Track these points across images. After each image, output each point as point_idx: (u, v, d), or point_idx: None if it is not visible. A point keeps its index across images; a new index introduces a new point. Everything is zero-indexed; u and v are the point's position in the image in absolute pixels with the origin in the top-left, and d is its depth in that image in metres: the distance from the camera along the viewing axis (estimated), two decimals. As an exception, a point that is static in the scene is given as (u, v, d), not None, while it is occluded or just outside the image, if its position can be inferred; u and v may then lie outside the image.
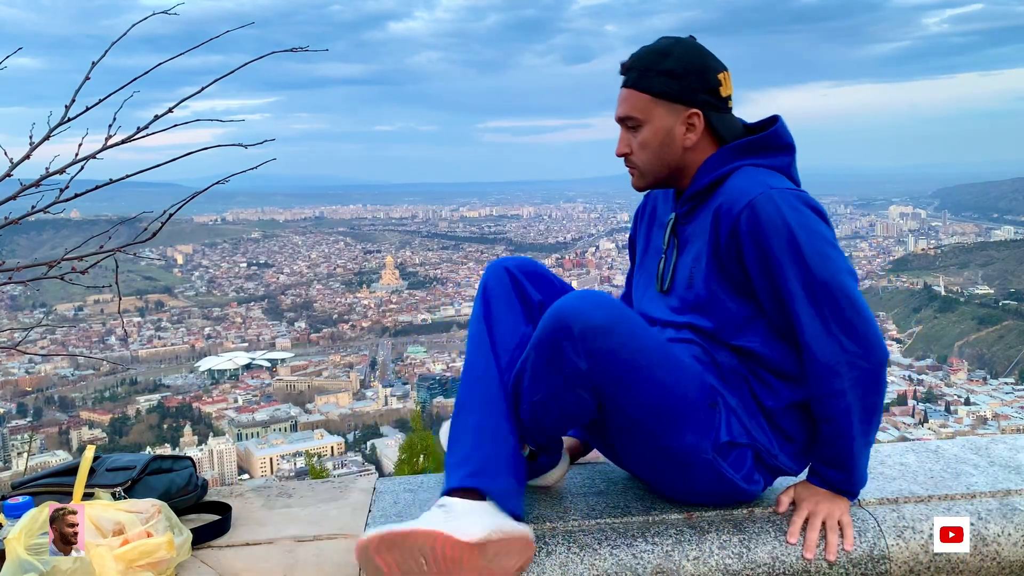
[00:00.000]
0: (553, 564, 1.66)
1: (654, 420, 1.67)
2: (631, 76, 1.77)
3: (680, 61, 1.73)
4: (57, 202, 1.87)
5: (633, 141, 1.79)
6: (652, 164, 1.80)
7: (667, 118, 1.75)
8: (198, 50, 2.00)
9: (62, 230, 51.08)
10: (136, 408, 51.47)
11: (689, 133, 1.76)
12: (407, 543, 1.53)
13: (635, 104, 1.76)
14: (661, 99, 1.74)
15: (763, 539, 1.73)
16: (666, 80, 1.73)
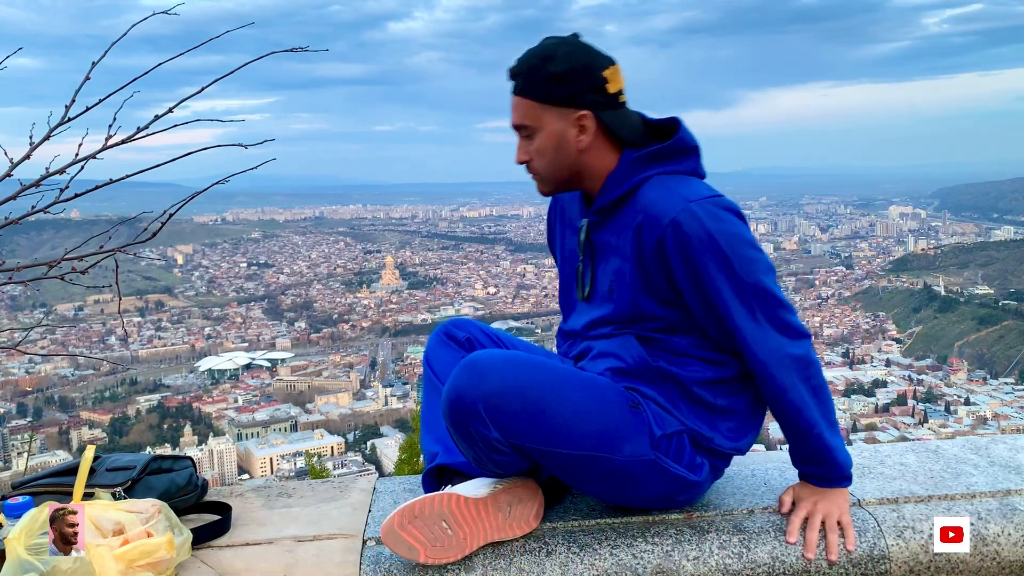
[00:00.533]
0: (553, 564, 1.66)
1: (587, 450, 1.66)
2: (518, 83, 1.74)
3: (563, 63, 1.70)
4: (57, 202, 1.87)
5: (530, 148, 1.78)
6: (551, 169, 1.79)
7: (557, 123, 1.73)
8: (198, 50, 2.00)
9: (62, 230, 51.10)
10: (136, 408, 51.47)
11: (581, 135, 1.74)
12: (427, 512, 1.63)
13: (525, 112, 1.75)
14: (549, 104, 1.72)
15: (763, 539, 1.73)
16: (551, 85, 1.71)
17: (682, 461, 1.73)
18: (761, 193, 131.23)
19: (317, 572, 1.69)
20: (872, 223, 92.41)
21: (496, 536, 1.70)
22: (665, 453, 1.71)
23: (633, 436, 1.68)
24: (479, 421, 1.60)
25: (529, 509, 1.75)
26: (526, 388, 1.61)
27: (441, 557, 1.63)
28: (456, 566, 1.66)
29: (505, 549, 1.70)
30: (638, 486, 1.73)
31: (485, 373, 1.61)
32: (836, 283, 72.39)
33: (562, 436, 1.63)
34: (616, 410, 1.68)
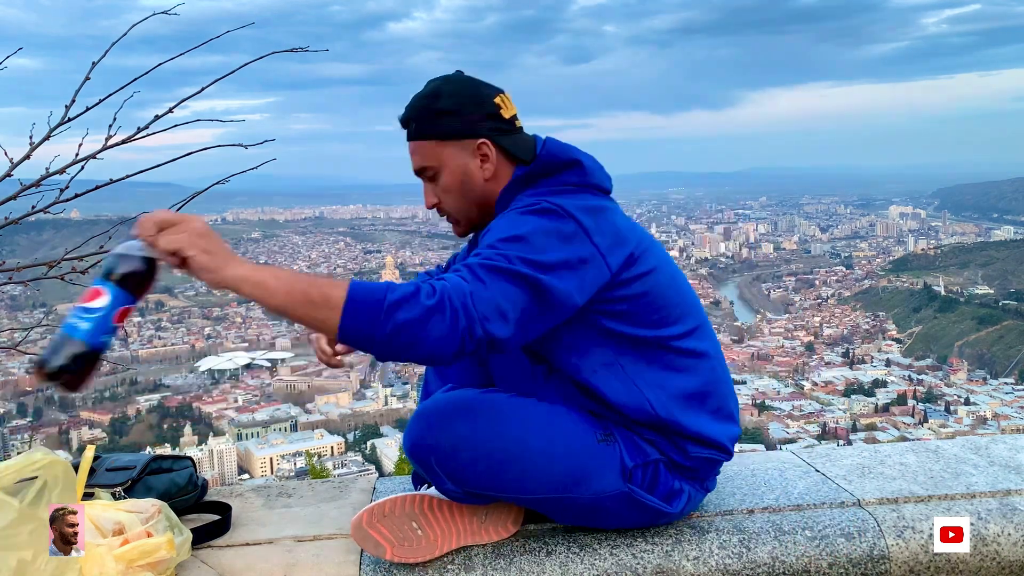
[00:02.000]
0: (553, 564, 1.67)
1: (551, 493, 1.63)
2: (411, 128, 1.71)
3: (452, 98, 1.68)
4: (57, 202, 1.88)
5: (436, 190, 1.73)
6: (462, 206, 1.74)
7: (459, 156, 1.69)
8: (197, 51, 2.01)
9: (62, 230, 51.10)
10: (136, 408, 51.48)
11: (485, 164, 1.70)
12: (397, 511, 1.63)
13: (424, 153, 1.71)
14: (446, 140, 1.69)
15: (763, 539, 1.73)
16: (444, 120, 1.68)
17: (657, 491, 1.67)
18: (761, 193, 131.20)
19: (317, 572, 1.69)
20: (872, 223, 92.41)
21: (470, 540, 1.69)
22: (640, 484, 1.65)
23: (602, 471, 1.63)
24: (433, 473, 1.60)
25: (506, 516, 1.73)
26: (480, 438, 1.58)
27: (408, 556, 1.63)
28: (456, 566, 1.66)
29: (505, 549, 1.70)
30: (612, 518, 1.70)
31: (435, 425, 1.59)
32: (836, 283, 72.40)
33: (522, 483, 1.60)
34: (581, 446, 1.63)
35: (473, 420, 1.59)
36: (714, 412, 1.71)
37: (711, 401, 1.71)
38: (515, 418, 1.62)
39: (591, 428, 1.65)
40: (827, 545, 1.73)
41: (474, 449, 1.57)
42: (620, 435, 1.66)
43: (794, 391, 46.57)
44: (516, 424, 1.61)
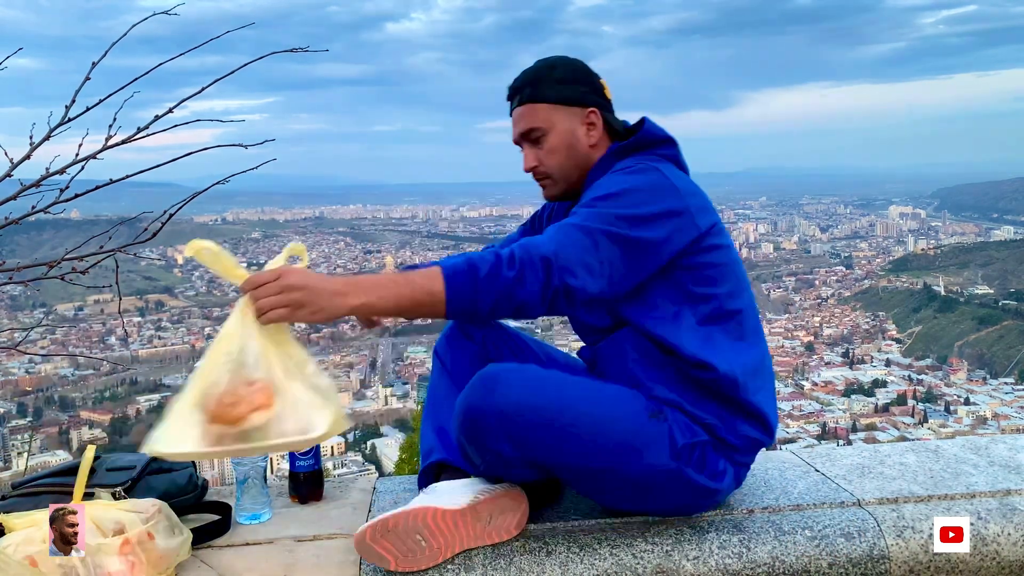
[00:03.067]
0: (553, 564, 1.67)
1: (604, 463, 1.64)
2: (525, 92, 1.82)
3: (567, 70, 1.83)
4: (57, 202, 1.88)
5: (539, 152, 1.83)
6: (564, 168, 1.84)
7: (569, 120, 1.82)
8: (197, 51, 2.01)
9: (62, 230, 51.09)
10: (136, 408, 51.42)
11: (591, 131, 1.83)
12: (400, 526, 1.62)
13: (536, 115, 1.82)
14: (559, 104, 1.81)
15: (763, 539, 1.73)
16: (560, 87, 1.81)
17: (704, 470, 1.70)
18: (761, 193, 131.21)
19: (317, 572, 1.69)
20: (872, 223, 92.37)
21: (474, 543, 1.69)
22: (687, 463, 1.68)
23: (652, 446, 1.66)
24: (494, 437, 1.60)
25: (511, 519, 1.73)
26: (541, 403, 1.61)
27: (412, 566, 1.63)
28: (456, 566, 1.66)
29: (505, 549, 1.70)
30: (657, 496, 1.72)
31: (500, 388, 1.60)
32: (836, 283, 72.37)
33: (578, 450, 1.62)
34: (634, 420, 1.66)
35: (534, 385, 1.64)
36: (769, 392, 1.78)
37: (768, 381, 1.79)
38: (576, 387, 1.68)
39: (641, 405, 1.69)
40: (827, 545, 1.73)
41: (536, 412, 1.60)
42: (671, 414, 1.70)
43: (794, 391, 46.53)
44: (577, 391, 1.67)
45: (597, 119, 1.83)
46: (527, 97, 1.82)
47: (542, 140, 1.82)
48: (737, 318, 1.75)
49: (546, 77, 1.82)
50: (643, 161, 1.74)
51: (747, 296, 1.80)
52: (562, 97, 1.81)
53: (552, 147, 1.82)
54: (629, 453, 1.64)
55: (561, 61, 1.85)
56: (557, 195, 1.89)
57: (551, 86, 1.81)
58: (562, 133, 1.81)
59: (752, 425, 1.74)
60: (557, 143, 1.82)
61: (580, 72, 1.84)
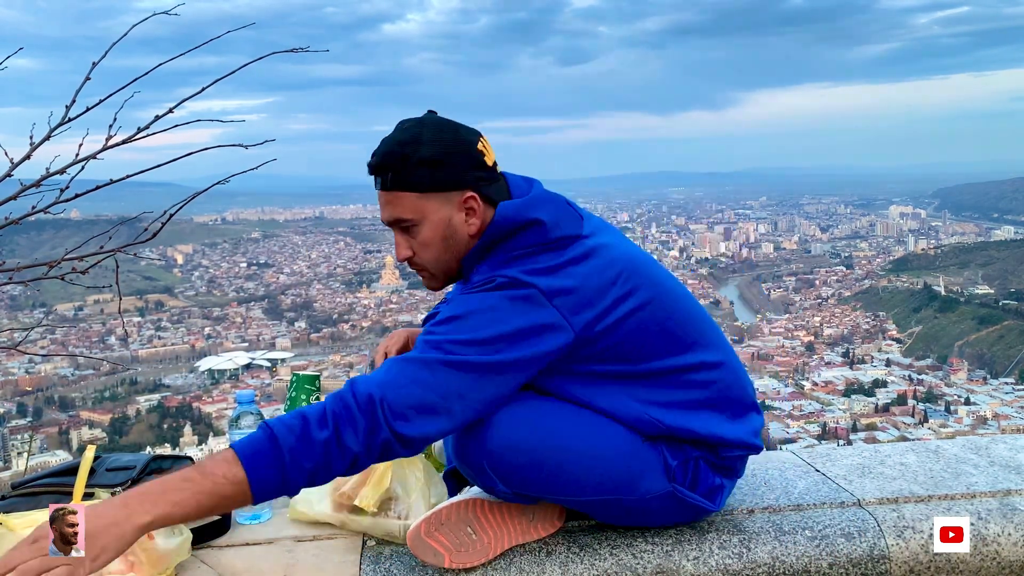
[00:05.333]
0: (553, 564, 1.66)
1: (601, 495, 1.62)
2: (387, 177, 1.58)
3: (435, 145, 1.56)
4: (57, 202, 1.87)
5: (412, 242, 1.63)
6: (441, 261, 1.65)
7: (442, 209, 1.59)
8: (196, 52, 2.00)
9: (62, 230, 51.06)
10: (136, 408, 51.39)
11: (471, 218, 1.60)
12: (453, 518, 1.62)
13: (402, 205, 1.59)
14: (429, 192, 1.57)
15: (763, 539, 1.73)
16: (429, 172, 1.56)
17: (699, 488, 1.68)
18: (761, 193, 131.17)
19: (317, 572, 1.68)
20: (872, 223, 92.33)
21: (521, 539, 1.70)
22: (682, 482, 1.66)
23: (648, 472, 1.63)
24: (485, 476, 1.59)
25: (553, 510, 1.74)
26: (532, 442, 1.55)
27: (466, 562, 1.63)
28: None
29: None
30: (656, 517, 1.71)
31: (488, 428, 1.55)
32: (836, 283, 72.34)
33: (573, 486, 1.60)
34: (629, 448, 1.62)
35: (524, 423, 1.56)
36: (730, 414, 1.70)
37: (723, 405, 1.69)
38: (565, 421, 1.60)
39: (634, 429, 1.64)
40: (827, 545, 1.73)
41: (529, 453, 1.55)
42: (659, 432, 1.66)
43: (794, 391, 46.49)
44: (567, 427, 1.59)
45: (476, 203, 1.59)
46: (391, 183, 1.58)
47: (413, 231, 1.61)
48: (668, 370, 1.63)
49: (411, 158, 1.55)
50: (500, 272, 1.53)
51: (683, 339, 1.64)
52: (433, 183, 1.56)
53: (425, 240, 1.61)
54: (624, 485, 1.62)
55: (426, 135, 1.57)
56: (438, 287, 1.72)
57: (418, 170, 1.55)
58: (436, 225, 1.59)
59: (727, 448, 1.69)
60: (431, 237, 1.61)
61: (452, 146, 1.57)
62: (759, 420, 1.77)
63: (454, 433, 1.54)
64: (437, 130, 1.59)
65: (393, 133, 1.61)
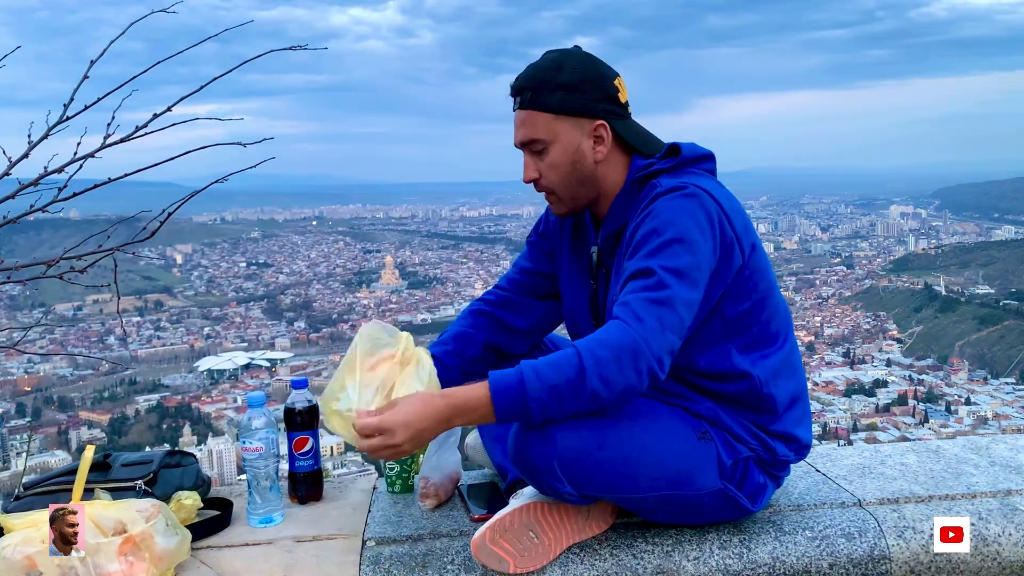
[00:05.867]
0: (553, 564, 1.66)
1: (661, 491, 1.64)
2: (526, 96, 1.66)
3: (574, 72, 1.64)
4: (56, 201, 1.87)
5: (540, 164, 1.70)
6: (567, 185, 1.71)
7: (573, 133, 1.66)
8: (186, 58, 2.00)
9: (61, 229, 51.06)
10: (135, 408, 51.36)
11: (599, 146, 1.68)
12: (516, 524, 1.63)
13: (536, 125, 1.66)
14: (563, 115, 1.65)
15: (763, 539, 1.73)
16: (564, 95, 1.64)
17: (745, 487, 1.70)
18: (761, 193, 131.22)
19: (317, 572, 1.68)
20: (873, 223, 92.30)
21: (578, 537, 1.70)
22: (730, 480, 1.68)
23: (703, 469, 1.65)
24: (554, 479, 1.58)
25: (606, 506, 1.75)
26: (599, 443, 1.57)
27: (529, 566, 1.63)
28: (456, 566, 1.66)
29: (505, 549, 1.70)
30: (704, 514, 1.72)
31: (556, 436, 1.55)
32: (837, 283, 72.33)
33: (636, 483, 1.61)
34: (686, 444, 1.64)
35: (593, 424, 1.57)
36: (804, 412, 1.77)
37: (803, 403, 1.77)
38: (627, 419, 1.61)
39: (690, 426, 1.67)
40: (827, 545, 1.72)
41: (595, 453, 1.56)
42: (715, 434, 1.68)
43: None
44: (628, 425, 1.61)
45: (606, 132, 1.68)
46: (528, 102, 1.66)
47: (543, 152, 1.68)
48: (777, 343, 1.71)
49: (550, 81, 1.64)
50: (690, 182, 1.61)
51: (784, 318, 1.74)
52: (567, 107, 1.64)
53: (554, 161, 1.68)
54: (683, 480, 1.64)
55: (570, 60, 1.66)
56: (565, 213, 1.78)
57: (555, 93, 1.64)
58: (565, 147, 1.67)
59: (787, 445, 1.74)
60: (559, 158, 1.68)
61: (590, 75, 1.66)
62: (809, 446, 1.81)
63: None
64: (579, 61, 1.67)
65: (538, 60, 1.69)
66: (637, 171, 1.70)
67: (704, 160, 1.72)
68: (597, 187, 1.72)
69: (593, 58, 1.69)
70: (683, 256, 1.53)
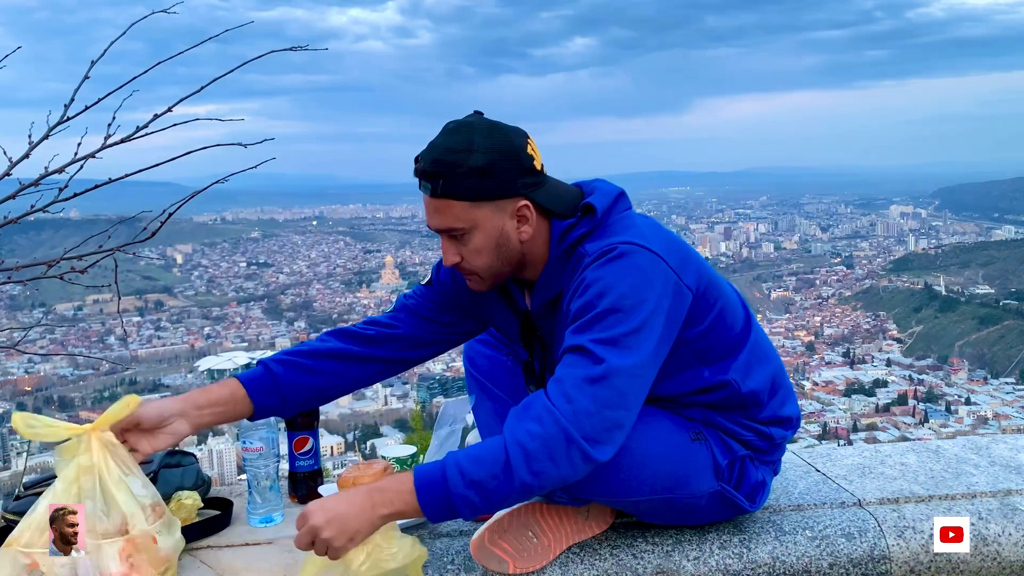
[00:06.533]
0: (553, 564, 1.66)
1: (655, 494, 1.63)
2: (437, 184, 1.53)
3: (486, 153, 1.51)
4: (56, 201, 1.87)
5: (462, 249, 1.60)
6: (492, 267, 1.61)
7: (494, 218, 1.56)
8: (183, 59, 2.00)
9: (61, 229, 51.06)
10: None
11: (523, 225, 1.58)
12: (514, 524, 1.63)
13: (452, 214, 1.55)
14: (480, 201, 1.54)
15: (763, 539, 1.73)
16: (478, 180, 1.51)
17: (743, 487, 1.70)
18: (761, 193, 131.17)
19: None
20: (873, 222, 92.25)
21: (577, 538, 1.71)
22: (727, 480, 1.68)
23: (699, 470, 1.65)
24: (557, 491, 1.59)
25: (605, 508, 1.75)
26: None
27: (528, 566, 1.63)
28: (456, 567, 1.66)
29: (505, 549, 1.70)
30: (702, 516, 1.72)
31: None
32: (836, 283, 72.33)
33: (629, 487, 1.60)
34: (679, 447, 1.64)
35: None
36: (788, 393, 1.77)
37: (784, 382, 1.76)
38: None
39: (683, 428, 1.66)
40: (828, 545, 1.72)
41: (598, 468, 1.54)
42: (709, 434, 1.68)
43: (795, 391, 46.52)
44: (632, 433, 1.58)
45: (529, 212, 1.57)
46: (441, 191, 1.53)
47: (464, 238, 1.58)
48: (741, 340, 1.68)
49: (461, 167, 1.51)
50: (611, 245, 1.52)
51: (739, 310, 1.70)
52: (483, 193, 1.53)
53: (477, 247, 1.58)
54: (678, 483, 1.64)
55: (478, 138, 1.52)
56: (486, 289, 1.69)
57: (468, 180, 1.51)
58: (488, 233, 1.56)
59: (779, 427, 1.74)
60: (482, 243, 1.58)
61: (503, 151, 1.53)
62: (799, 420, 1.82)
63: None
64: (487, 136, 1.54)
65: (441, 138, 1.56)
66: (558, 241, 1.61)
67: (617, 201, 1.63)
68: (522, 261, 1.65)
69: (501, 128, 1.56)
70: (617, 325, 1.46)
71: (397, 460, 2.05)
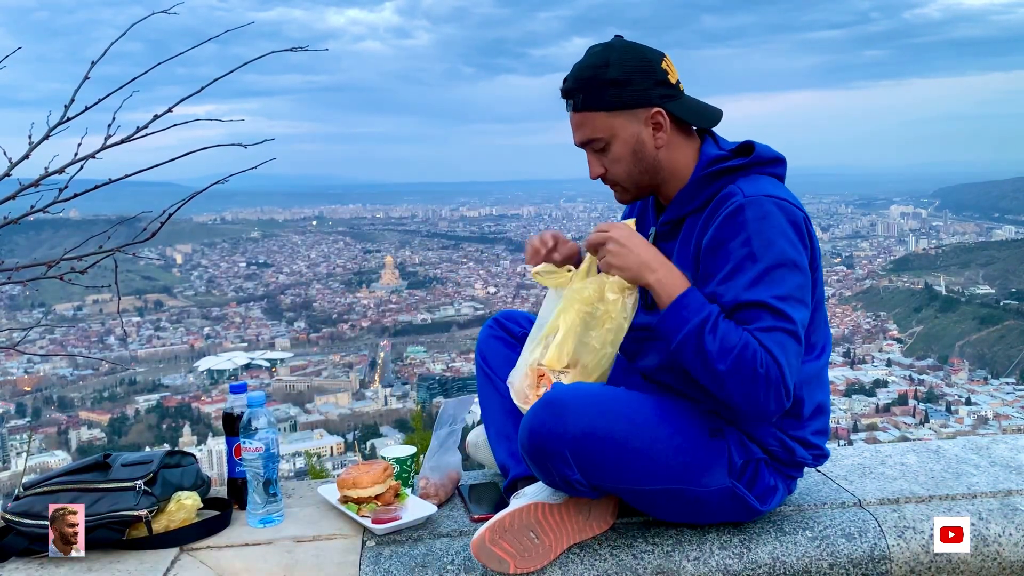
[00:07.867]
0: (553, 564, 1.66)
1: (668, 484, 1.64)
2: (578, 99, 1.68)
3: (621, 67, 1.65)
4: (56, 202, 1.87)
5: (604, 160, 1.72)
6: (632, 175, 1.73)
7: (631, 126, 1.68)
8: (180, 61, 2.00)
9: (61, 230, 51.06)
10: (135, 408, 51.37)
11: (659, 133, 1.69)
12: (516, 524, 1.64)
13: (593, 125, 1.68)
14: (618, 111, 1.66)
15: (763, 539, 1.73)
16: (615, 91, 1.65)
17: (755, 488, 1.70)
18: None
19: (317, 572, 1.68)
20: (873, 222, 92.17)
21: (578, 538, 1.71)
22: (740, 479, 1.68)
23: (713, 466, 1.66)
24: (563, 463, 1.59)
25: (606, 507, 1.75)
26: (610, 430, 1.59)
27: (529, 566, 1.64)
28: (456, 567, 1.66)
29: (505, 549, 1.70)
30: (710, 513, 1.72)
31: (568, 415, 1.57)
32: (837, 283, 72.28)
33: (644, 475, 1.61)
34: (697, 439, 1.65)
35: (602, 411, 1.60)
36: (824, 429, 1.77)
37: (826, 420, 1.78)
38: (641, 411, 1.64)
39: (703, 422, 1.67)
40: (828, 545, 1.72)
41: (605, 440, 1.58)
42: (728, 431, 1.68)
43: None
44: (642, 416, 1.63)
45: (663, 119, 1.68)
46: (581, 104, 1.67)
47: (605, 149, 1.70)
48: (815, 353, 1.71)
49: (600, 80, 1.65)
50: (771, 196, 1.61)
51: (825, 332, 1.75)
52: (620, 102, 1.65)
53: (616, 156, 1.70)
54: (691, 475, 1.64)
55: (612, 57, 1.66)
56: (628, 200, 1.82)
57: (606, 91, 1.65)
58: (626, 141, 1.68)
59: (807, 449, 1.74)
60: (622, 153, 1.69)
61: (638, 67, 1.65)
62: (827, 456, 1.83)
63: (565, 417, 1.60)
64: (623, 53, 1.67)
65: (583, 58, 1.70)
66: (707, 163, 1.70)
67: (775, 163, 1.72)
68: (662, 173, 1.73)
69: (636, 46, 1.69)
70: (788, 280, 1.56)
71: (397, 460, 2.04)
